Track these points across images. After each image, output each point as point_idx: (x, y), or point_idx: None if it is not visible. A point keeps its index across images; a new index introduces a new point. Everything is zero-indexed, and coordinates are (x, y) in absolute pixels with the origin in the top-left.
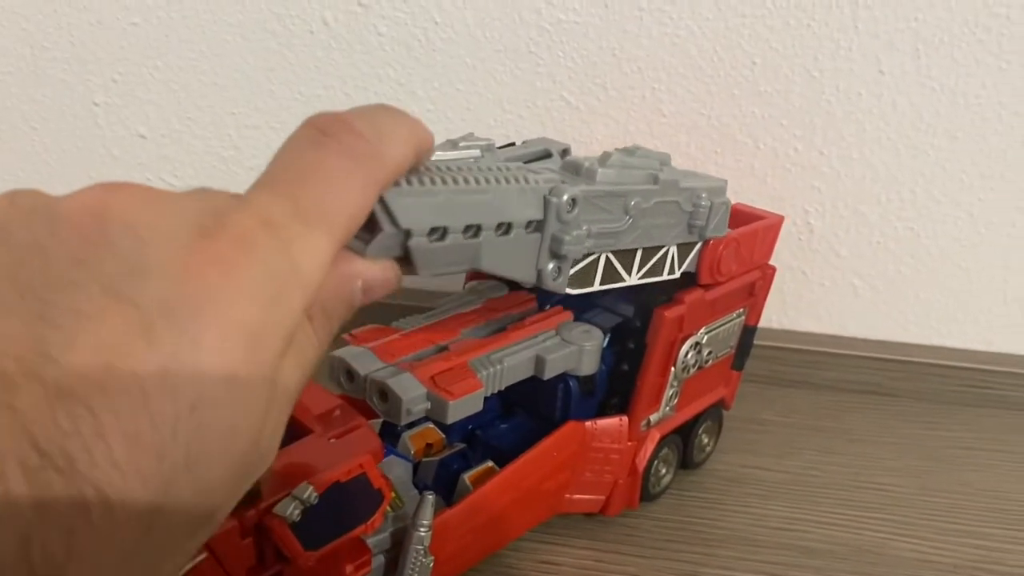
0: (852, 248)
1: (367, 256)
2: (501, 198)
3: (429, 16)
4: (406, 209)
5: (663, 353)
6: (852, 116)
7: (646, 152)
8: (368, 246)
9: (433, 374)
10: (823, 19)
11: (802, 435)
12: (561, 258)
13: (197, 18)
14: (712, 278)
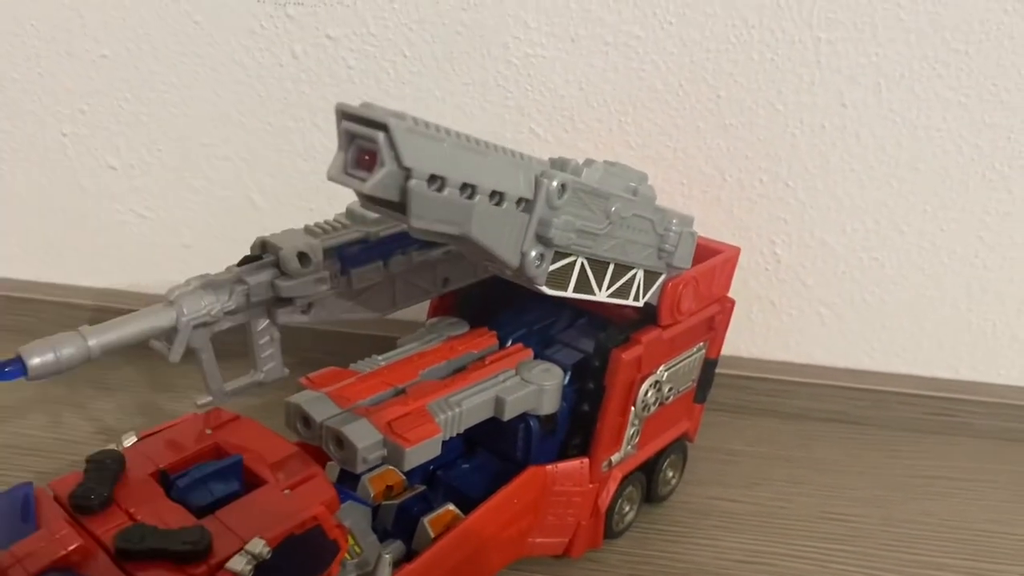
0: (818, 277)
1: (366, 191)
2: (499, 165)
3: (398, 49)
4: (412, 148)
5: (622, 394)
6: (816, 148)
7: (625, 167)
8: (366, 183)
9: (390, 419)
10: (786, 54)
11: (771, 465)
12: (546, 243)
13: (167, 50)
14: (672, 318)
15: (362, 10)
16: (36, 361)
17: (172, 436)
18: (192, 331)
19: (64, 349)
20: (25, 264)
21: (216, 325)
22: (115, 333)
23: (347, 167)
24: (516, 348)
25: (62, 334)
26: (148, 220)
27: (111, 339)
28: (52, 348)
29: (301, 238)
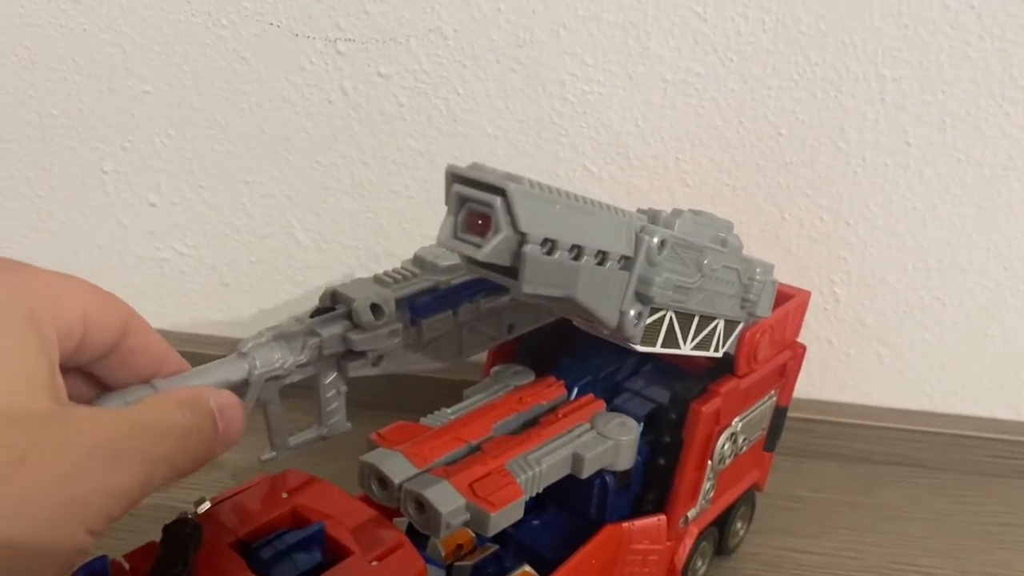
0: (878, 317)
1: (481, 258)
2: (604, 223)
3: (451, 87)
4: (529, 213)
5: (700, 448)
6: (878, 186)
7: (712, 216)
8: (482, 248)
9: (471, 481)
10: (850, 92)
11: (836, 512)
12: (645, 301)
13: (211, 87)
14: (749, 367)
15: (415, 47)
16: None
17: (247, 501)
18: (265, 383)
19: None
20: None
21: (286, 378)
22: (189, 383)
23: (457, 231)
24: (588, 399)
25: (136, 387)
26: (187, 257)
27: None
28: (124, 401)
29: (372, 288)
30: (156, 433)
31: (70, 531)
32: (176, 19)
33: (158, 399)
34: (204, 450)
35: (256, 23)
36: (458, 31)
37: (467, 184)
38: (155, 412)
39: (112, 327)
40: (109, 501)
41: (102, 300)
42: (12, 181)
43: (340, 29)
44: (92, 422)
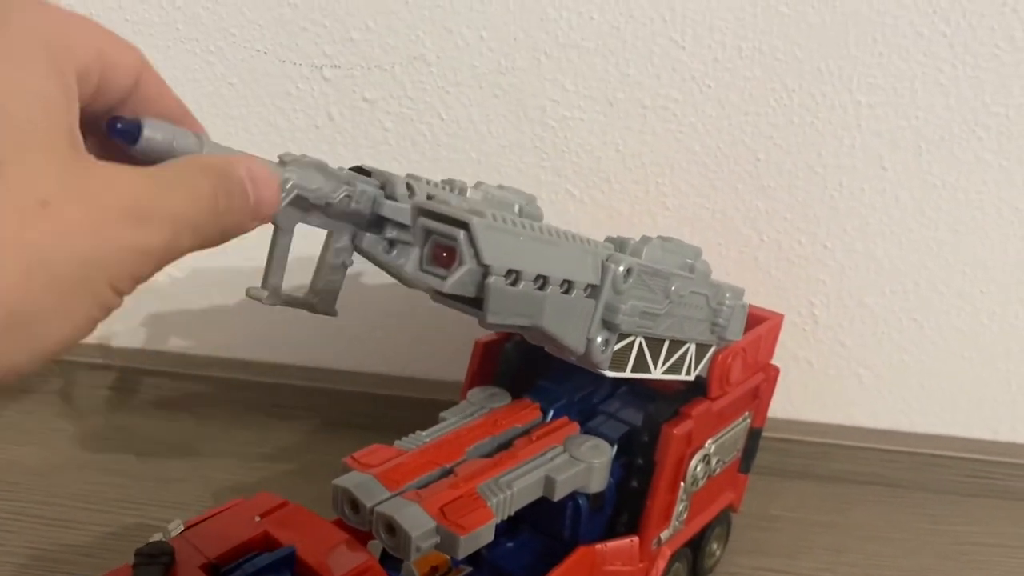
0: (856, 338)
1: (446, 290)
2: (568, 254)
3: (435, 112)
4: (491, 244)
5: (672, 470)
6: (855, 210)
7: (680, 243)
8: (447, 280)
9: (442, 504)
10: (827, 117)
11: (811, 532)
12: (612, 328)
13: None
14: (721, 389)
15: (399, 74)
16: (150, 134)
17: (220, 524)
18: (288, 204)
19: (180, 141)
20: None
21: (307, 216)
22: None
23: (423, 263)
24: (562, 422)
25: (185, 130)
26: (180, 281)
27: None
28: (172, 133)
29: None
30: (182, 196)
31: (94, 283)
32: (165, 45)
33: (186, 162)
34: (233, 220)
35: (244, 50)
36: (441, 58)
37: (431, 217)
38: (182, 174)
39: (128, 69)
40: (134, 259)
41: (115, 39)
42: None
43: (326, 56)
44: (115, 176)
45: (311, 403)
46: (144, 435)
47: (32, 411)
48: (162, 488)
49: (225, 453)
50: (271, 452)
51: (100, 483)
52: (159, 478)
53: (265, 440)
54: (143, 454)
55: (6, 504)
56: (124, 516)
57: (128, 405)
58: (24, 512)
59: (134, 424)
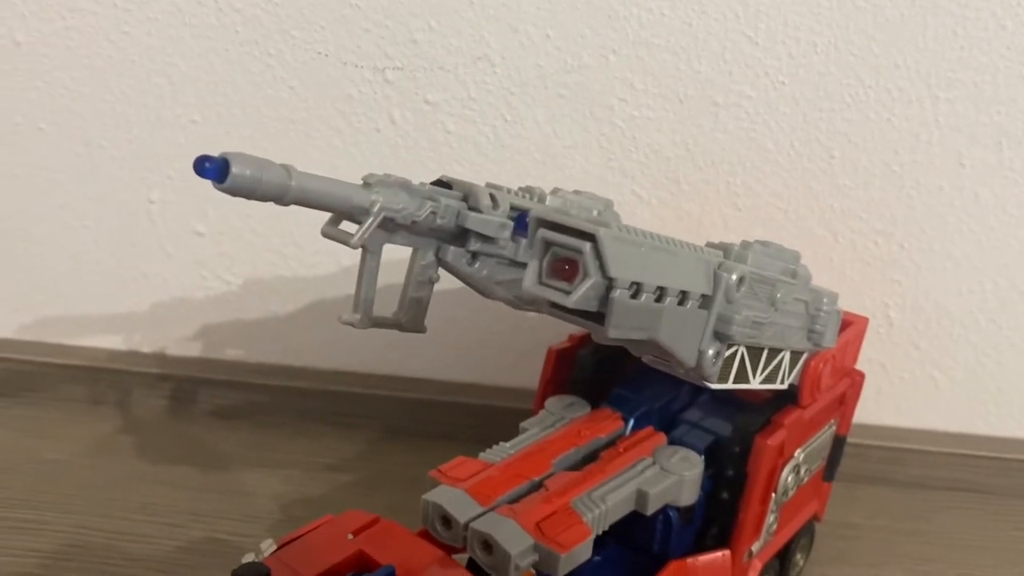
0: (932, 341)
1: (571, 305)
2: (685, 263)
3: (499, 113)
4: (618, 257)
5: (765, 482)
6: (933, 209)
7: (780, 247)
8: (571, 295)
9: (538, 520)
10: (903, 114)
11: (895, 540)
12: (723, 340)
13: (259, 116)
14: (812, 397)
15: (463, 75)
16: (239, 170)
17: (313, 544)
18: (376, 227)
19: (268, 173)
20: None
21: (393, 236)
22: (315, 185)
23: (542, 277)
24: (648, 432)
25: (270, 161)
26: (234, 286)
27: (310, 187)
28: (259, 167)
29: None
30: None
31: None
32: (224, 48)
33: None
34: None
35: (304, 52)
36: (506, 58)
37: (554, 229)
38: None
39: None
40: None
41: None
42: (60, 211)
43: (388, 58)
44: None
45: (372, 411)
46: (205, 446)
47: (90, 424)
48: (228, 500)
49: (288, 464)
50: (334, 462)
51: (164, 496)
52: (224, 490)
53: (327, 450)
54: (205, 466)
55: (69, 518)
56: (192, 530)
57: (187, 415)
58: (87, 525)
59: (194, 434)
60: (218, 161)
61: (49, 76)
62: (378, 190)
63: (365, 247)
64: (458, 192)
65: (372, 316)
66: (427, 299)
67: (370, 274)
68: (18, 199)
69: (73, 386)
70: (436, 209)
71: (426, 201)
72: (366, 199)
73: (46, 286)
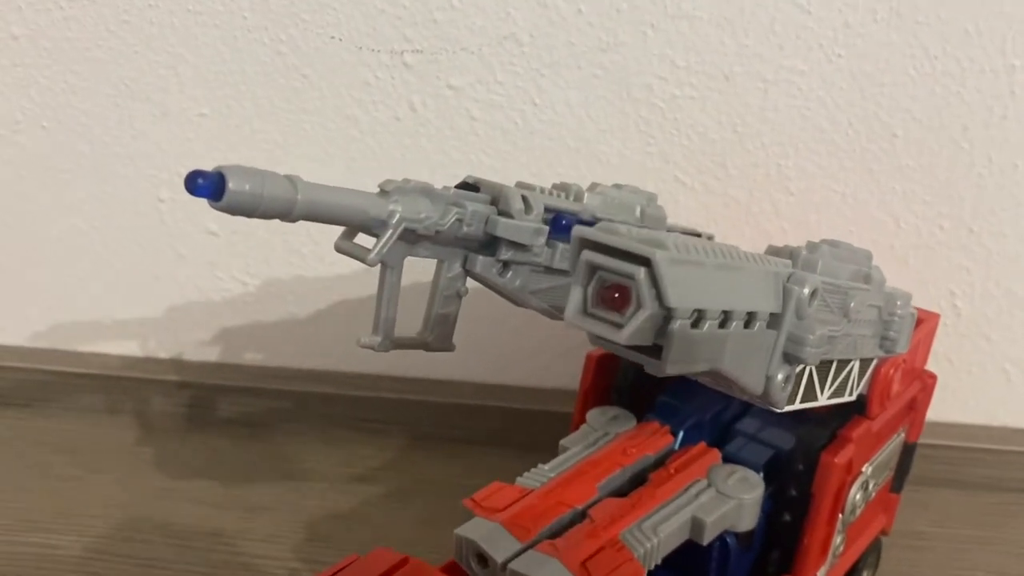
0: (1004, 332)
1: (624, 341)
2: (752, 279)
3: (528, 97)
4: (677, 283)
5: (832, 502)
6: (1006, 189)
7: (851, 247)
8: (623, 330)
9: (584, 558)
10: (974, 86)
11: (965, 550)
12: (794, 362)
13: (271, 107)
14: (882, 407)
15: (488, 56)
16: (237, 186)
17: None
18: (395, 240)
19: (270, 187)
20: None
21: (415, 248)
22: (325, 196)
23: (588, 306)
24: (701, 449)
25: (272, 173)
26: (251, 287)
27: (319, 200)
28: (260, 180)
29: (518, 188)
30: None
31: None
32: (232, 36)
33: None
34: None
35: (316, 37)
36: (534, 37)
37: (601, 251)
38: None
39: None
40: None
41: None
42: (67, 212)
43: (407, 40)
44: None
45: (400, 416)
46: (226, 457)
47: (107, 436)
48: (251, 518)
49: (313, 475)
50: (362, 472)
51: (186, 514)
52: (246, 506)
53: (354, 459)
54: (227, 479)
55: (89, 542)
56: (213, 552)
57: (207, 424)
58: (109, 551)
59: (215, 445)
60: (212, 176)
61: (49, 71)
62: (396, 198)
63: (384, 262)
64: (486, 195)
65: (394, 337)
66: (455, 314)
67: (391, 291)
68: (23, 202)
69: (89, 395)
70: (462, 216)
71: (451, 208)
72: (384, 210)
73: (56, 291)
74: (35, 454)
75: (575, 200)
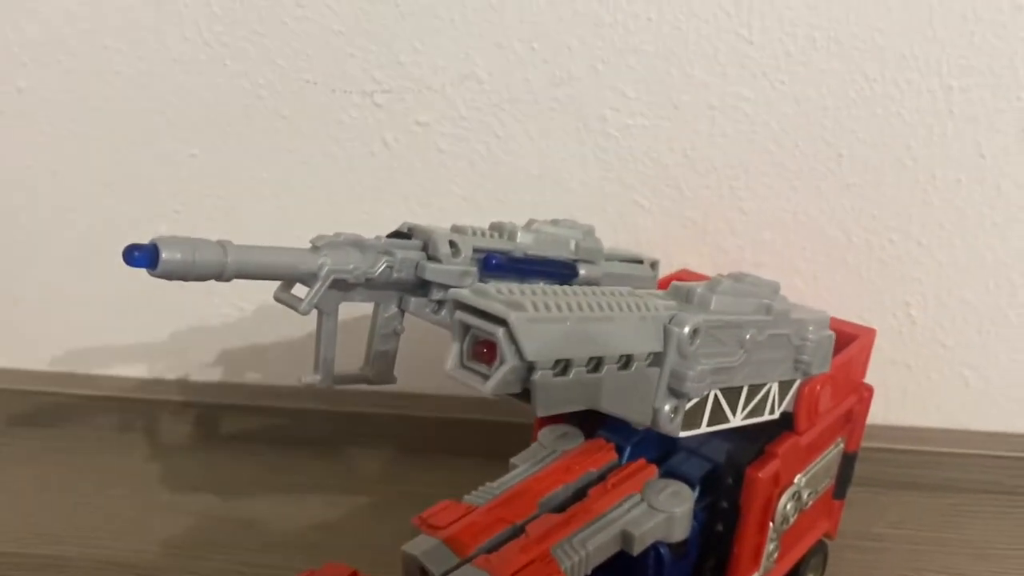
0: (959, 338)
1: (489, 392)
2: (624, 327)
3: (491, 130)
4: (534, 338)
5: (759, 514)
6: (951, 203)
7: (756, 280)
8: (488, 382)
9: (514, 571)
10: (914, 106)
11: (921, 552)
12: (680, 396)
13: (255, 146)
14: (810, 422)
15: (451, 94)
16: (169, 255)
17: None
18: (327, 289)
19: (201, 253)
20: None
21: (349, 294)
22: (255, 257)
23: (463, 360)
24: (639, 465)
25: (202, 239)
26: (246, 312)
27: (249, 261)
28: (191, 248)
29: (449, 232)
30: None
31: None
32: (215, 83)
33: None
34: None
35: (292, 81)
36: (493, 74)
37: (469, 312)
38: None
39: None
40: None
41: None
42: (79, 250)
43: (376, 81)
44: None
45: (389, 430)
46: (227, 473)
47: (118, 454)
48: (247, 529)
49: (305, 488)
50: (352, 484)
51: (187, 526)
52: (243, 519)
53: (345, 471)
54: (226, 494)
55: (98, 552)
56: (211, 561)
57: (211, 441)
58: (114, 561)
59: (217, 461)
60: (147, 248)
61: (54, 120)
62: (326, 252)
63: (319, 308)
64: (417, 241)
65: (335, 374)
66: (394, 351)
67: (328, 335)
68: (39, 241)
69: (102, 415)
70: (392, 263)
71: (381, 256)
72: (313, 264)
73: (72, 320)
74: (54, 470)
75: (508, 239)
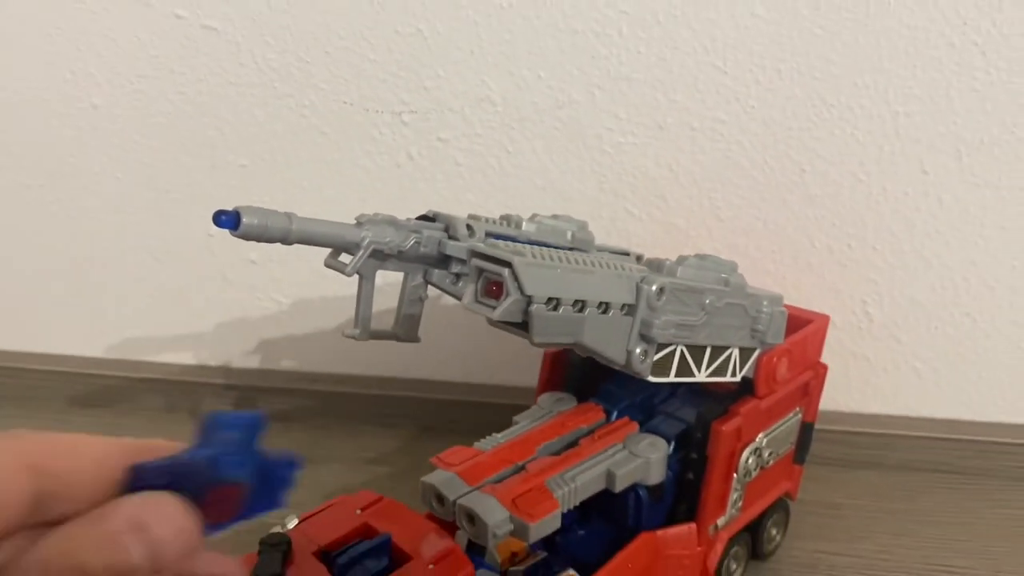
0: (911, 334)
1: (495, 318)
2: (603, 280)
3: (502, 146)
4: (532, 279)
5: (724, 463)
6: (900, 213)
7: (716, 259)
8: (496, 310)
9: (514, 496)
10: (866, 128)
11: (874, 518)
12: (649, 341)
13: (297, 158)
14: (768, 388)
15: (469, 114)
16: (248, 220)
17: (328, 518)
18: (367, 258)
19: (272, 220)
20: (179, 351)
21: (384, 264)
22: (312, 227)
23: (477, 296)
24: (623, 422)
25: (273, 210)
26: (284, 305)
27: (307, 230)
28: (265, 216)
29: (466, 218)
30: None
31: None
32: (264, 102)
33: None
34: None
35: (332, 102)
36: (505, 98)
37: (482, 258)
38: None
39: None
40: None
41: None
42: (136, 248)
43: (404, 103)
44: None
45: (409, 411)
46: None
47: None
48: None
49: (333, 459)
50: (374, 456)
51: None
52: None
53: (369, 446)
54: None
55: None
56: None
57: None
58: None
59: None
60: (232, 213)
61: (122, 133)
62: (368, 227)
63: (360, 274)
64: (440, 224)
65: (371, 330)
66: (419, 314)
67: (366, 296)
68: (101, 240)
69: (152, 396)
70: (420, 240)
71: (411, 234)
72: (357, 235)
73: (126, 312)
74: None
75: (515, 227)
